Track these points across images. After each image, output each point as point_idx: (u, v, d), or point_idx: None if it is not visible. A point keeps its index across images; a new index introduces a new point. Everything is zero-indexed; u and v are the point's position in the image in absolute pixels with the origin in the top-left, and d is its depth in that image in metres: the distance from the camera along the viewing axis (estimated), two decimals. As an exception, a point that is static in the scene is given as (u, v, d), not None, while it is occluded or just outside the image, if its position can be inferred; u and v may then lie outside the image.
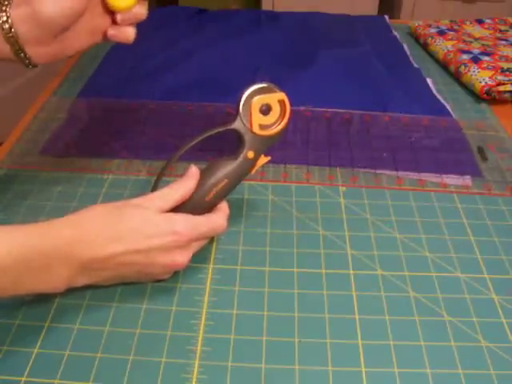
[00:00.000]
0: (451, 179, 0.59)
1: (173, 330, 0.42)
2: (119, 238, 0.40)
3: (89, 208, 0.41)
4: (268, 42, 0.86)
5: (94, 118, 0.67)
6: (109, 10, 0.44)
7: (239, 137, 0.47)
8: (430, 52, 0.86)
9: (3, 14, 0.40)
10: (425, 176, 0.59)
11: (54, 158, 0.60)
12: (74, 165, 0.59)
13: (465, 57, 0.78)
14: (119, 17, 0.44)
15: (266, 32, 0.89)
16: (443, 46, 0.83)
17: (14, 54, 0.41)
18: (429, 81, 0.78)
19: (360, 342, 0.41)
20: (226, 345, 0.41)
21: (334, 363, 0.40)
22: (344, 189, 0.57)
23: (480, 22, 0.92)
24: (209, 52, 0.82)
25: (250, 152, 0.46)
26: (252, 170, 0.47)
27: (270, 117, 0.47)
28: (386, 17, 0.99)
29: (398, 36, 0.91)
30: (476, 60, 0.76)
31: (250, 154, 0.47)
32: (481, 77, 0.73)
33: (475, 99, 0.74)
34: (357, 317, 0.43)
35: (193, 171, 0.45)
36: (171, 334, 0.42)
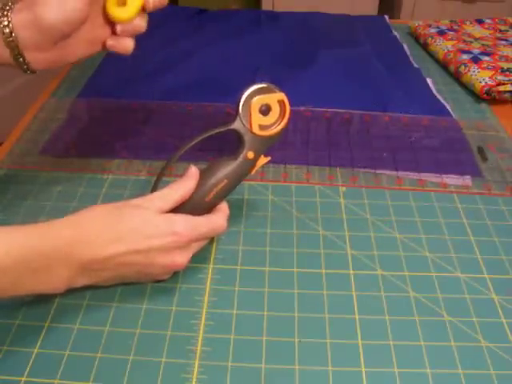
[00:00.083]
0: (451, 179, 0.59)
1: (173, 329, 0.42)
2: (119, 239, 0.40)
3: (88, 208, 0.42)
4: (268, 42, 0.86)
5: (94, 118, 0.67)
6: (109, 20, 0.45)
7: (239, 137, 0.46)
8: (430, 52, 0.86)
9: (4, 19, 0.40)
10: (425, 176, 0.59)
11: (54, 158, 0.60)
12: (73, 165, 0.59)
13: (465, 57, 0.78)
14: (119, 28, 0.45)
15: (266, 32, 0.89)
16: (443, 46, 0.83)
17: (13, 58, 0.42)
18: (429, 81, 0.78)
19: (360, 342, 0.41)
20: (226, 345, 0.41)
21: (334, 363, 0.40)
22: (344, 189, 0.57)
23: (480, 21, 0.92)
24: (209, 52, 0.82)
25: (249, 152, 0.46)
26: (252, 170, 0.47)
27: (269, 117, 0.47)
28: (386, 17, 0.99)
29: (398, 36, 0.91)
30: (476, 60, 0.76)
31: (250, 155, 0.47)
32: (481, 77, 0.73)
33: (475, 99, 0.74)
34: (357, 317, 0.43)
35: (192, 171, 0.45)
36: (171, 333, 0.42)
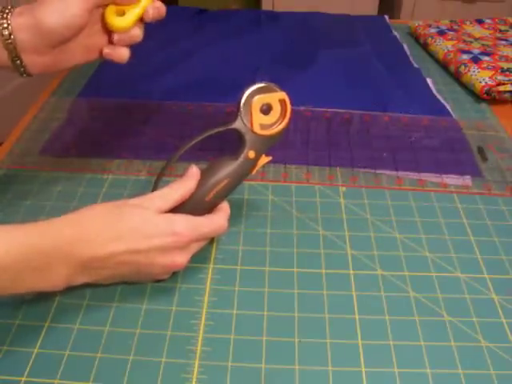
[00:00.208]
0: (451, 179, 0.59)
1: (173, 329, 0.42)
2: (119, 238, 0.40)
3: (88, 207, 0.42)
4: (268, 42, 0.86)
5: (94, 117, 0.67)
6: (107, 29, 0.46)
7: (240, 136, 0.46)
8: (430, 52, 0.86)
9: (4, 21, 0.41)
10: (425, 176, 0.59)
11: (54, 158, 0.60)
12: (73, 165, 0.59)
13: (465, 57, 0.78)
14: (116, 37, 0.45)
15: (266, 32, 0.89)
16: (443, 46, 0.83)
17: (10, 61, 0.43)
18: (429, 81, 0.78)
19: (360, 342, 0.41)
20: (226, 345, 0.41)
21: (334, 363, 0.40)
22: (344, 189, 0.57)
23: (480, 21, 0.92)
24: (209, 52, 0.82)
25: (250, 152, 0.46)
26: (253, 170, 0.47)
27: (270, 116, 0.47)
28: (386, 17, 0.99)
29: (398, 36, 0.91)
30: (476, 60, 0.76)
31: (251, 154, 0.46)
32: (481, 77, 0.73)
33: (475, 99, 0.74)
34: (357, 317, 0.43)
35: (193, 171, 0.45)
36: (171, 333, 0.42)
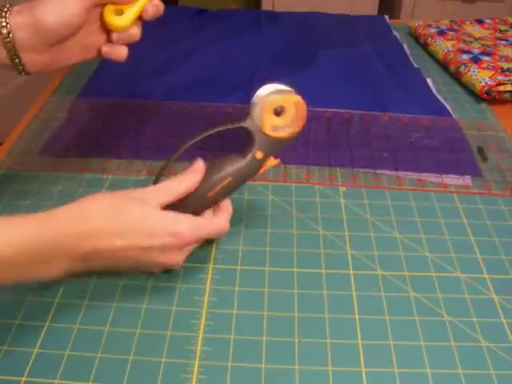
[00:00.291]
0: (451, 179, 0.59)
1: (173, 330, 0.42)
2: (120, 233, 0.40)
3: (89, 198, 0.41)
4: (268, 42, 0.86)
5: (94, 117, 0.67)
6: (105, 28, 0.46)
7: (249, 136, 0.46)
8: (430, 52, 0.86)
9: (3, 20, 0.41)
10: (425, 176, 0.59)
11: (54, 158, 0.60)
12: (73, 165, 0.59)
13: (465, 57, 0.78)
14: (115, 36, 0.45)
15: (266, 32, 0.89)
16: (443, 46, 0.83)
17: (9, 59, 0.43)
18: (429, 81, 0.78)
19: (360, 342, 0.41)
20: (226, 345, 0.41)
21: (334, 363, 0.40)
22: (344, 189, 0.57)
23: (480, 21, 0.92)
24: (209, 52, 0.82)
25: (258, 152, 0.46)
26: (259, 170, 0.47)
27: (283, 119, 0.45)
28: (386, 17, 0.99)
29: (398, 36, 0.91)
30: (476, 60, 0.76)
31: (259, 155, 0.46)
32: (481, 77, 0.73)
33: (475, 99, 0.74)
34: (357, 317, 0.43)
35: (199, 165, 0.45)
36: (171, 333, 0.42)
